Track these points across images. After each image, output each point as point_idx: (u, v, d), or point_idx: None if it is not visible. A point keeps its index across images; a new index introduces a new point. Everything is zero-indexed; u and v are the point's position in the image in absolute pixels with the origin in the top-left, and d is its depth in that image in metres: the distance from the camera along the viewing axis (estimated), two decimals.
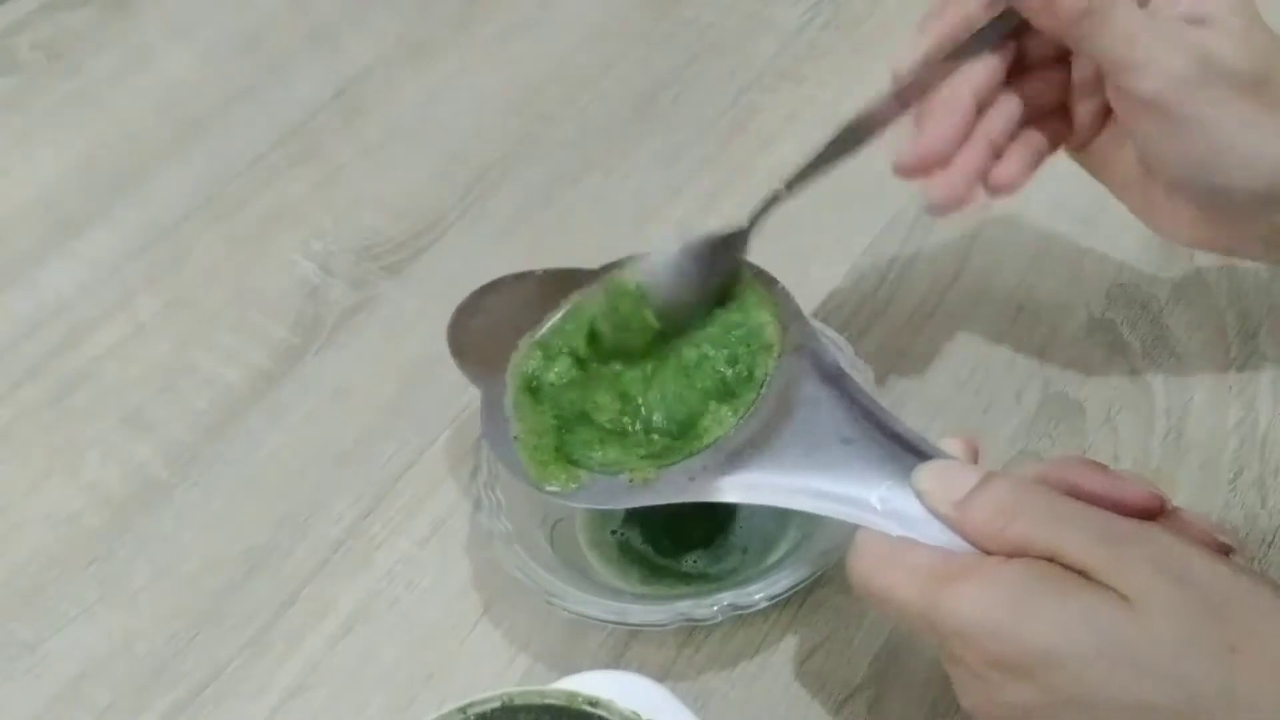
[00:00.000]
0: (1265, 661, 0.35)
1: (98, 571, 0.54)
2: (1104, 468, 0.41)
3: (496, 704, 0.39)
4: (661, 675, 0.48)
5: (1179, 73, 0.44)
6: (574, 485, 0.46)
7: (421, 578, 0.53)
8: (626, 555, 0.51)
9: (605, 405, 0.49)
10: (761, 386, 0.47)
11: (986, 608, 0.37)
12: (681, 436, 0.47)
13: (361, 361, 0.61)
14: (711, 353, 0.49)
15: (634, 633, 0.49)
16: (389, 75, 0.74)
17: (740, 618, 0.47)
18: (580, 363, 0.50)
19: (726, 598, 0.46)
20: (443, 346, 0.58)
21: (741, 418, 0.47)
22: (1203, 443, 0.53)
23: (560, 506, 0.52)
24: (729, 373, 0.48)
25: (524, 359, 0.50)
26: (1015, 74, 0.49)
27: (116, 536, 0.55)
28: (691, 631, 0.49)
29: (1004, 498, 0.39)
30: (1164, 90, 0.44)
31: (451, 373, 0.58)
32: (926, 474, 0.41)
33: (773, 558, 0.50)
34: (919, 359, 0.57)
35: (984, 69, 0.48)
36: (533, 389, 0.49)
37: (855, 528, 0.42)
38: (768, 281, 0.50)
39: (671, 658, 0.49)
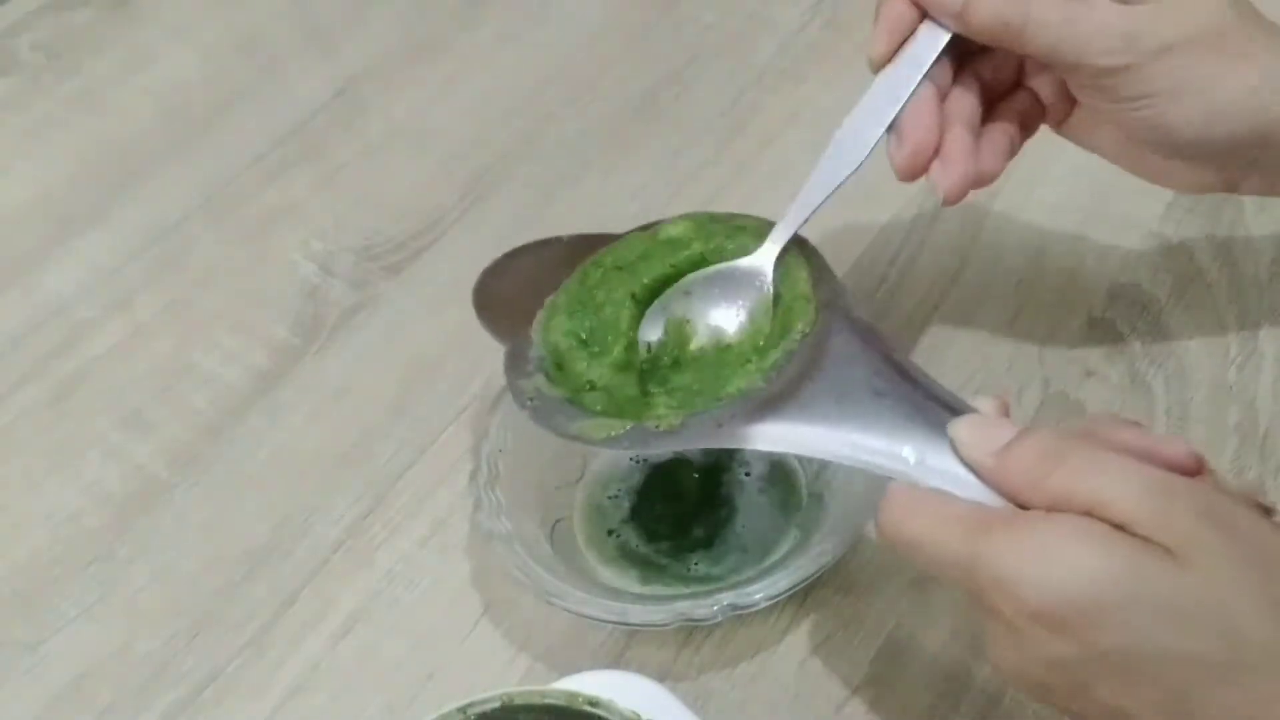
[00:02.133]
0: None
1: (98, 571, 0.54)
2: (1141, 426, 0.40)
3: (496, 704, 0.39)
4: (661, 675, 0.48)
5: (1114, 62, 0.45)
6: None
7: (421, 578, 0.53)
8: (625, 555, 0.51)
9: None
10: (800, 339, 0.47)
11: (1028, 559, 0.36)
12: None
13: (361, 361, 0.61)
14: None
15: (634, 633, 0.49)
16: (389, 75, 0.74)
17: (740, 618, 0.47)
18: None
19: (726, 598, 0.46)
20: (443, 347, 0.58)
21: (772, 369, 0.46)
22: (1203, 443, 0.53)
23: (560, 505, 0.52)
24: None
25: (552, 324, 0.50)
26: (969, 59, 0.50)
27: (116, 536, 0.55)
28: (691, 631, 0.49)
29: (1045, 447, 0.39)
30: (1103, 80, 0.46)
31: (452, 373, 0.59)
32: (964, 425, 0.41)
33: (773, 558, 0.50)
34: (919, 359, 0.57)
35: (937, 66, 0.49)
36: (559, 364, 0.49)
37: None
38: (799, 240, 0.50)
39: (671, 658, 0.49)
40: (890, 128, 0.48)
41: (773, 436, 0.44)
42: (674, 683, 0.48)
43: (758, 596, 0.46)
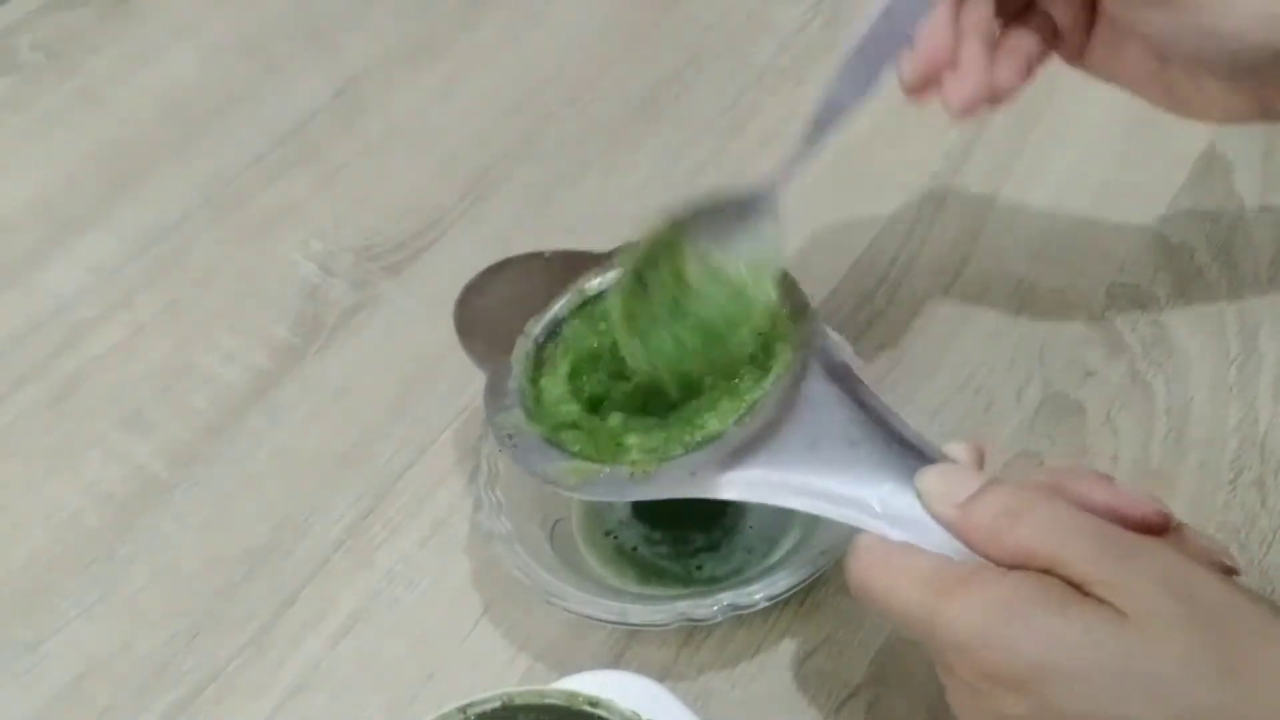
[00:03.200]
0: (1264, 685, 0.35)
1: (98, 571, 0.54)
2: (1110, 480, 0.41)
3: (496, 704, 0.39)
4: (661, 675, 0.48)
5: None
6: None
7: (421, 578, 0.53)
8: (624, 556, 0.51)
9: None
10: (775, 380, 0.47)
11: (983, 620, 0.37)
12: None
13: (361, 361, 0.61)
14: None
15: (634, 633, 0.49)
16: (389, 75, 0.74)
17: (740, 618, 0.47)
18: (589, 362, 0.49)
19: (726, 598, 0.46)
20: (443, 347, 0.58)
21: (745, 412, 0.46)
22: (1203, 443, 0.53)
23: (560, 505, 0.52)
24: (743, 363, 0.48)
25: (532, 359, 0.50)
26: None
27: (116, 536, 0.55)
28: (691, 631, 0.49)
29: (1007, 503, 0.39)
30: None
31: (452, 373, 0.59)
32: (929, 476, 0.41)
33: (773, 558, 0.50)
34: (919, 359, 0.57)
35: None
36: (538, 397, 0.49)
37: (856, 529, 0.42)
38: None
39: (671, 658, 0.49)
40: (904, 42, 0.46)
41: (746, 485, 0.44)
42: (674, 683, 0.48)
43: (758, 596, 0.46)
